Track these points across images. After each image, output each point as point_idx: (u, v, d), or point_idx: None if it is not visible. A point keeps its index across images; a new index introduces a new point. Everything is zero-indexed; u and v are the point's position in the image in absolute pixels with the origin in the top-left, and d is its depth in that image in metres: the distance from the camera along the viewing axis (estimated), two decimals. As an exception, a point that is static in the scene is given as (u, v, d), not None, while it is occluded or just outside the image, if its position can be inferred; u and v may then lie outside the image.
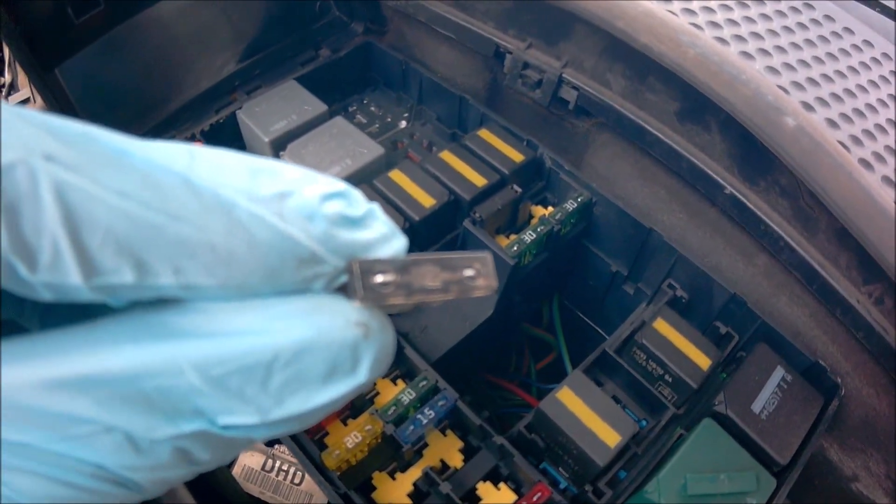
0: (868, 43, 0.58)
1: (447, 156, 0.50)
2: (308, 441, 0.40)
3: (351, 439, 0.40)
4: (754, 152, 0.47)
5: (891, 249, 0.44)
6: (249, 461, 0.56)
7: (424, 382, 0.44)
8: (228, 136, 0.55)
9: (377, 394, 0.46)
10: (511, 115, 0.56)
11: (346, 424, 0.44)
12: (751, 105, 0.46)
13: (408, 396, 0.43)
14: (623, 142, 0.52)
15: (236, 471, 0.55)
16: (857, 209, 0.44)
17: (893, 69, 0.57)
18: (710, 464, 0.39)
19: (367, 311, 0.14)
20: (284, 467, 0.56)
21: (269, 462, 0.56)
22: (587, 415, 0.41)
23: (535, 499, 0.38)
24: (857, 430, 0.49)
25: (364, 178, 0.49)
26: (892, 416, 0.48)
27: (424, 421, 0.42)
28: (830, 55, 0.56)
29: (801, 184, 0.45)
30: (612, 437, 0.40)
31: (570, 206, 0.49)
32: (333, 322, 0.14)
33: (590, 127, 0.54)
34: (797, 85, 0.52)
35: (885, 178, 0.50)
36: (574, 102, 0.51)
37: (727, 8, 0.55)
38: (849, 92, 0.54)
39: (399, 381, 0.46)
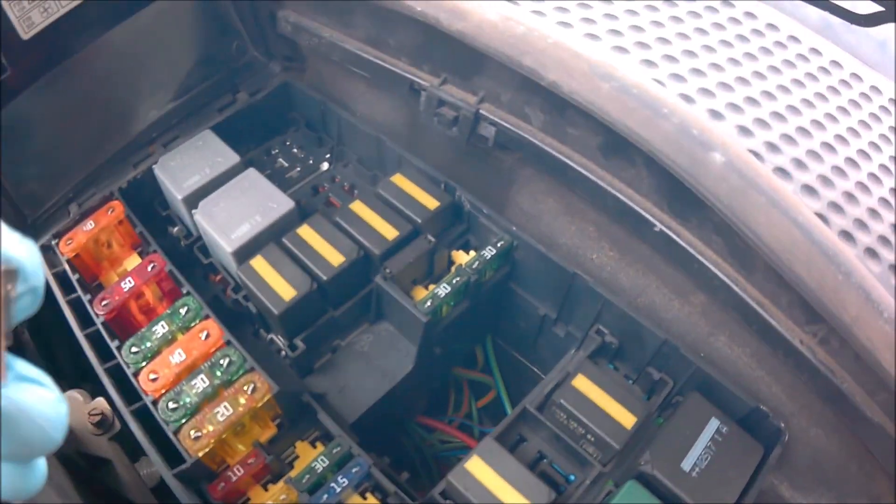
0: (797, 40, 0.54)
1: (358, 207, 0.47)
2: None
3: (269, 508, 0.39)
4: (682, 189, 0.43)
5: (832, 290, 0.41)
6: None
7: (338, 449, 0.43)
8: (149, 191, 0.53)
9: (297, 457, 0.45)
10: (433, 150, 0.53)
11: (266, 489, 0.43)
12: (672, 142, 0.42)
13: (321, 464, 0.42)
14: (548, 177, 0.50)
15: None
16: (792, 251, 0.41)
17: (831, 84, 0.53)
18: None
19: None
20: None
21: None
22: (498, 485, 0.39)
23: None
24: (806, 471, 0.46)
25: (275, 235, 0.47)
26: (841, 456, 0.45)
27: (338, 489, 0.41)
28: (773, 68, 0.53)
29: (730, 226, 0.42)
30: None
31: (489, 252, 0.46)
32: None
33: (514, 161, 0.51)
34: (733, 106, 0.48)
35: (832, 204, 0.47)
36: (493, 139, 0.49)
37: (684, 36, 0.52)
38: (793, 108, 0.51)
39: (318, 444, 0.45)
